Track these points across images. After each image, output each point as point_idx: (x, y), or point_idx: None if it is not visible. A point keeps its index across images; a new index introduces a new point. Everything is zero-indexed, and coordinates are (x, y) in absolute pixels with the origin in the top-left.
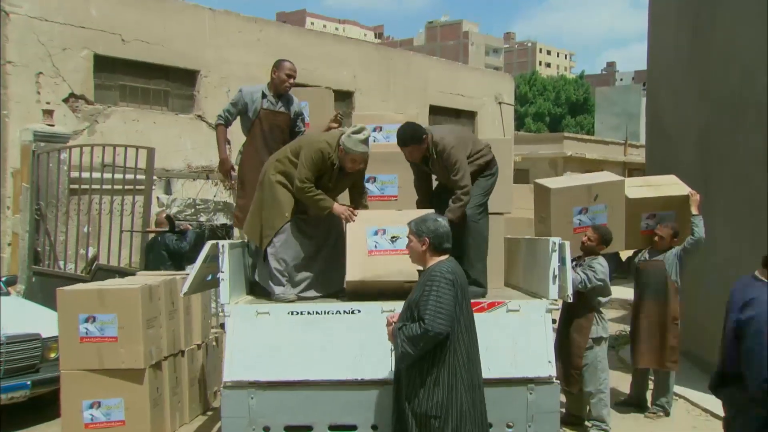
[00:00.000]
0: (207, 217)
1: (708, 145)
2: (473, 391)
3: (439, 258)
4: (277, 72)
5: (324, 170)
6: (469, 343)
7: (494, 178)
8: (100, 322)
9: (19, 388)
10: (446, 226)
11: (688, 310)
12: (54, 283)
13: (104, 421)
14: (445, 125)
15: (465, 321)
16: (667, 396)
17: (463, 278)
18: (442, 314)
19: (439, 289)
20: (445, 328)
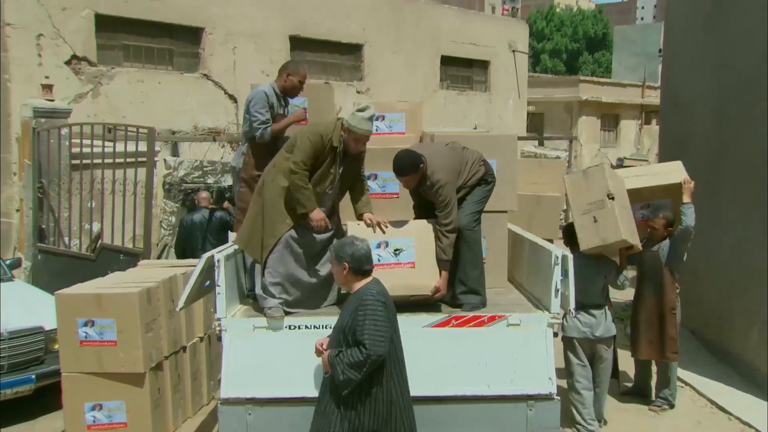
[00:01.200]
0: (215, 179)
1: (723, 120)
2: (408, 410)
3: (364, 280)
4: (291, 76)
5: (323, 155)
6: (399, 361)
7: (491, 185)
8: (99, 326)
9: (24, 383)
10: (365, 248)
11: (698, 291)
12: (59, 261)
13: (106, 422)
14: (439, 150)
15: (396, 341)
16: (670, 387)
17: (390, 298)
18: (380, 337)
19: (374, 312)
20: (385, 350)
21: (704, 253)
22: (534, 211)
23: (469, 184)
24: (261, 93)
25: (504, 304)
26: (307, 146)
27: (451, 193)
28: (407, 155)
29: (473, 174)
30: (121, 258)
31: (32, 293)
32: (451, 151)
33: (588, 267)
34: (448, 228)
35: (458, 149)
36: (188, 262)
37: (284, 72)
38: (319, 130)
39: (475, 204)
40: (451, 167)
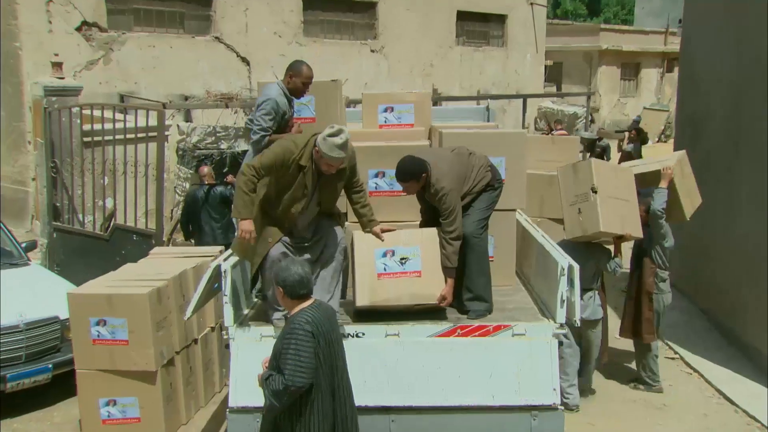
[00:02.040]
0: (228, 144)
1: (741, 101)
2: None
3: (301, 305)
4: (294, 78)
5: (287, 173)
6: (332, 391)
7: (498, 191)
8: (111, 325)
9: (42, 372)
10: (298, 272)
11: (710, 272)
12: (74, 239)
13: (120, 417)
14: (445, 156)
15: (329, 365)
16: (646, 370)
17: (326, 324)
18: (301, 368)
19: (297, 342)
20: (306, 381)
21: (718, 235)
22: (546, 192)
23: (475, 190)
24: (272, 102)
25: (510, 309)
26: (271, 156)
27: (455, 201)
28: (410, 162)
29: (479, 180)
30: (134, 238)
31: (47, 279)
32: (457, 158)
33: (578, 252)
34: (452, 236)
35: (464, 155)
36: (199, 251)
37: (288, 73)
38: (288, 146)
39: (481, 211)
40: (456, 174)
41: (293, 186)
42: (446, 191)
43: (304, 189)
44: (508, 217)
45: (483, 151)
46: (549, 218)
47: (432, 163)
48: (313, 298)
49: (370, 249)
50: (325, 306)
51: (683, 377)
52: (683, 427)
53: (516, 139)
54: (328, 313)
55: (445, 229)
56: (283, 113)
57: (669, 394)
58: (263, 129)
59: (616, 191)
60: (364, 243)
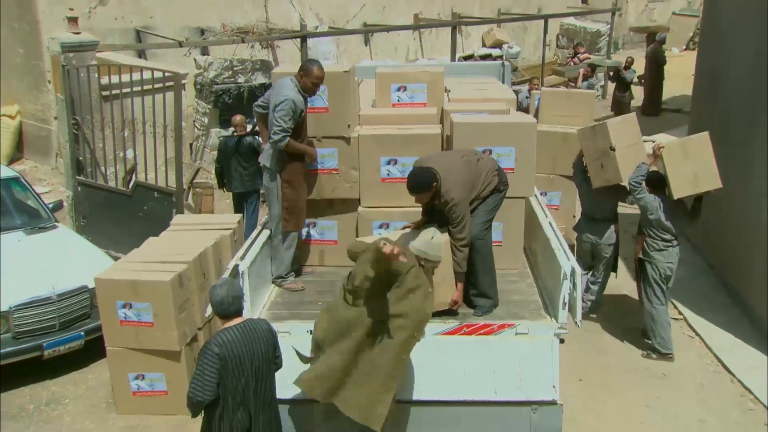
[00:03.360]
0: (245, 78)
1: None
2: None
3: (226, 323)
4: (304, 78)
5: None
6: (248, 400)
7: (503, 193)
8: (136, 308)
9: (75, 339)
10: (220, 294)
11: (722, 231)
12: (98, 194)
13: (149, 390)
14: (454, 164)
15: (241, 384)
16: (656, 338)
17: (242, 346)
18: (201, 385)
19: (203, 361)
20: (204, 398)
21: (734, 195)
22: (559, 150)
23: (483, 195)
24: (290, 102)
25: (515, 303)
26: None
27: (465, 210)
28: (421, 173)
29: (487, 185)
30: (156, 195)
31: (74, 244)
32: (466, 165)
33: (599, 191)
34: (462, 243)
35: (473, 162)
36: (217, 221)
37: (300, 72)
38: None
39: (486, 213)
40: (465, 183)
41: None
42: (456, 202)
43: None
44: (517, 205)
45: (493, 141)
46: (561, 175)
47: (442, 172)
48: (244, 318)
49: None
50: (253, 327)
51: (685, 341)
52: (680, 398)
53: (526, 129)
54: (253, 335)
55: (455, 237)
56: (300, 111)
57: (670, 362)
58: (284, 130)
59: (630, 139)
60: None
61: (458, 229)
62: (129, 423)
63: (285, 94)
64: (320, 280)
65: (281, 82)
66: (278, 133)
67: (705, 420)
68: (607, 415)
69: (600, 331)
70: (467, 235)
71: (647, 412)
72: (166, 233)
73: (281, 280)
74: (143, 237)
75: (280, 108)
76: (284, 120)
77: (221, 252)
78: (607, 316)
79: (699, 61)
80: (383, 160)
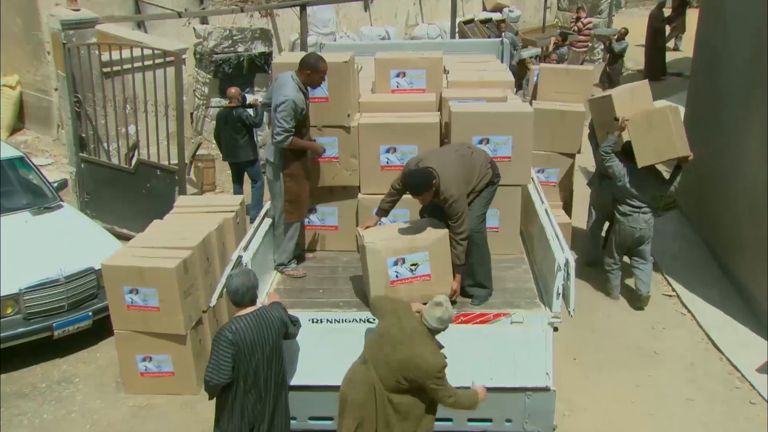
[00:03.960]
0: (245, 47)
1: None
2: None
3: (239, 312)
4: (312, 75)
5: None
6: (259, 385)
7: (496, 186)
8: (143, 294)
9: (83, 319)
10: (236, 284)
11: (716, 206)
12: (102, 170)
13: (156, 371)
14: (449, 159)
15: (253, 369)
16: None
17: (254, 334)
18: (217, 369)
19: (218, 347)
20: (219, 380)
21: (728, 171)
22: (557, 127)
23: (478, 189)
24: (291, 103)
25: (511, 290)
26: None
27: (463, 205)
28: (420, 174)
29: (482, 178)
30: (158, 173)
31: (80, 224)
32: (461, 159)
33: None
34: (461, 237)
35: (467, 156)
36: (219, 203)
37: (305, 70)
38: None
39: (482, 207)
40: (461, 178)
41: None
42: (455, 198)
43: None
44: (514, 192)
45: (491, 130)
46: (559, 152)
47: (439, 169)
48: (257, 306)
49: (383, 259)
50: (265, 315)
51: (677, 319)
52: (670, 376)
53: (523, 118)
54: (264, 323)
55: (454, 231)
56: (302, 110)
57: (662, 340)
58: (286, 130)
59: (635, 105)
60: (376, 254)
61: (458, 224)
62: (138, 402)
63: (286, 93)
64: (321, 266)
65: (282, 80)
66: (281, 134)
67: (693, 399)
68: (599, 395)
69: (594, 309)
70: (466, 229)
71: (638, 391)
72: (170, 216)
73: (283, 267)
74: (146, 213)
75: (282, 109)
76: (286, 120)
77: (224, 236)
78: (600, 292)
79: (698, 37)
80: (383, 148)
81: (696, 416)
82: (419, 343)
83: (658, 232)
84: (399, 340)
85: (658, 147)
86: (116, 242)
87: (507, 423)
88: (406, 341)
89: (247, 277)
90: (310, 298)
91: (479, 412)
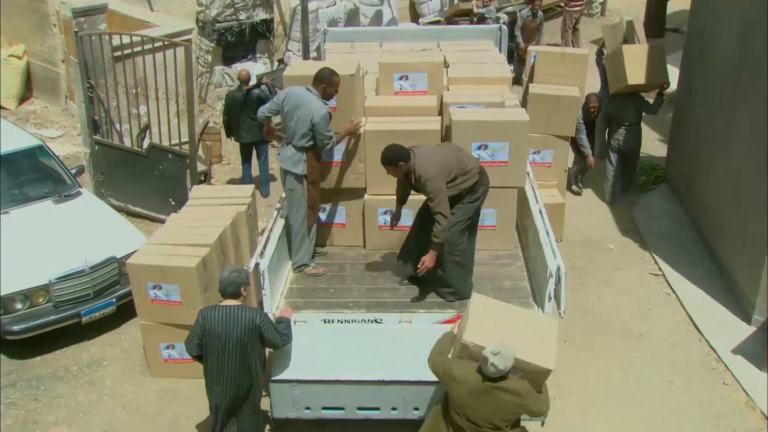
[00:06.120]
0: (247, 14)
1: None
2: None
3: (221, 302)
4: (328, 88)
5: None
6: (217, 374)
7: (479, 202)
8: (166, 290)
9: (108, 305)
10: (224, 276)
11: (703, 188)
12: (115, 152)
13: (179, 358)
14: (434, 148)
15: (214, 357)
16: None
17: (220, 325)
18: (187, 341)
19: (194, 323)
20: (189, 352)
21: (716, 153)
22: (552, 112)
23: (458, 186)
24: (327, 115)
25: (506, 288)
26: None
27: (438, 184)
28: (394, 150)
29: (465, 177)
30: (170, 156)
31: (100, 212)
32: (446, 150)
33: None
34: (440, 215)
35: (455, 150)
36: (233, 193)
37: (321, 84)
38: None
39: (461, 222)
40: (440, 162)
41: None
42: (429, 176)
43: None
44: (511, 194)
45: (489, 137)
46: (554, 135)
47: (418, 154)
48: (237, 303)
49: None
50: (236, 313)
51: (662, 299)
52: (653, 359)
53: (520, 126)
54: (232, 318)
55: (433, 210)
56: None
57: (647, 321)
58: (330, 138)
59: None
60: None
61: (435, 203)
62: (163, 387)
63: (317, 107)
64: (330, 263)
65: (304, 97)
66: (329, 142)
67: (673, 381)
68: (587, 378)
69: (586, 289)
70: (444, 209)
71: (623, 374)
72: (186, 208)
73: (306, 266)
74: (158, 194)
75: (322, 124)
76: (327, 130)
77: (238, 228)
78: (592, 273)
79: (690, 22)
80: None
81: (675, 398)
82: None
83: (647, 208)
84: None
85: (619, 78)
86: (134, 229)
87: None
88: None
89: (232, 273)
90: (321, 298)
91: None
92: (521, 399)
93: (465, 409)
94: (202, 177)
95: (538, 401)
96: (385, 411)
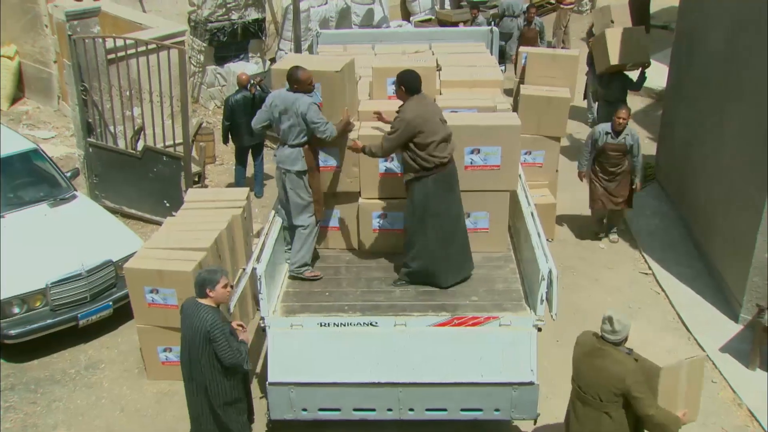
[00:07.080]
0: (239, 14)
1: (737, 42)
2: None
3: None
4: (297, 87)
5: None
6: (194, 376)
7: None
8: (163, 293)
9: (104, 308)
10: (197, 275)
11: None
12: (109, 155)
13: (176, 360)
14: (432, 109)
15: (186, 346)
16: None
17: (188, 319)
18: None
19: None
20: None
21: (707, 154)
22: (543, 113)
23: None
24: (314, 105)
25: (499, 291)
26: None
27: (401, 128)
28: (416, 77)
29: (441, 144)
30: (164, 159)
31: (95, 216)
32: (432, 106)
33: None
34: (380, 151)
35: (443, 121)
36: (227, 196)
37: (292, 84)
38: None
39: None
40: (420, 114)
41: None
42: (400, 118)
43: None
44: (503, 197)
45: (482, 142)
46: (545, 136)
47: (417, 98)
48: (207, 301)
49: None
50: (199, 310)
51: (652, 297)
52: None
53: (512, 131)
54: (195, 314)
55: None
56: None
57: (637, 319)
58: (327, 123)
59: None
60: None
61: (387, 138)
62: (160, 389)
63: (303, 101)
64: (326, 266)
65: (287, 99)
66: (326, 128)
67: None
68: None
69: (578, 289)
70: (389, 149)
71: None
72: (182, 212)
73: (307, 267)
74: (153, 196)
75: (312, 113)
76: (320, 116)
77: (233, 232)
78: (583, 271)
79: (678, 21)
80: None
81: None
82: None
83: (637, 207)
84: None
85: (604, 59)
86: (129, 231)
87: (496, 412)
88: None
89: (203, 274)
90: (317, 302)
91: (471, 402)
92: (624, 373)
93: (578, 373)
94: (196, 178)
95: (645, 394)
96: (380, 412)
